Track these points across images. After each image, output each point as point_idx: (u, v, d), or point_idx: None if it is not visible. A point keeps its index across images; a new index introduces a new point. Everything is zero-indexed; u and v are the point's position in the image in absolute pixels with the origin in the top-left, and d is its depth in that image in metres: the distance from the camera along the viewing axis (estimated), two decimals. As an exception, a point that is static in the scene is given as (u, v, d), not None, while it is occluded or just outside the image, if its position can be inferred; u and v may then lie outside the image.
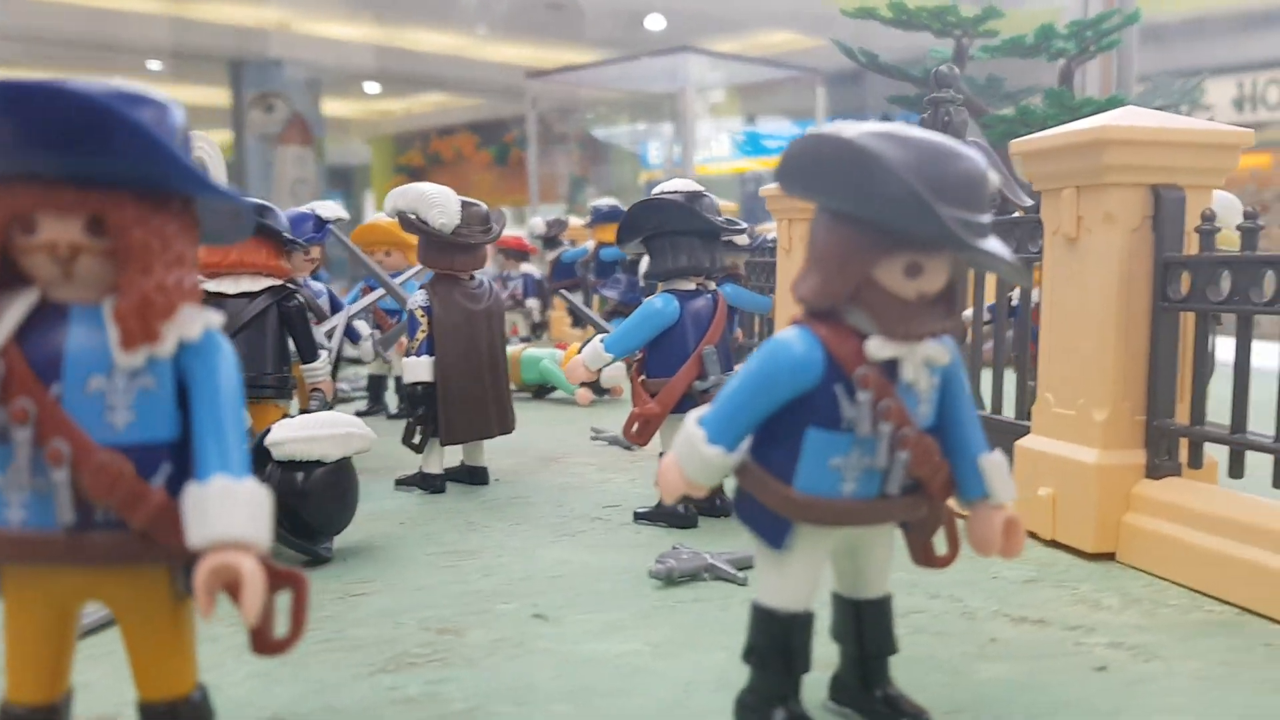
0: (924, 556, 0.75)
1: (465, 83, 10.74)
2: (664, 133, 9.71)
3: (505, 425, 1.51)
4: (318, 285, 1.71)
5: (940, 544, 0.75)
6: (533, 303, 3.16)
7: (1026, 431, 1.31)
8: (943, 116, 1.55)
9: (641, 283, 2.82)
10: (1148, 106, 2.94)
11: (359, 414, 2.13)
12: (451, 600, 1.02)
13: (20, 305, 0.57)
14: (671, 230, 1.28)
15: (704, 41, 8.45)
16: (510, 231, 3.28)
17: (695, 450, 0.71)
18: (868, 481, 0.69)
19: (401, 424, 1.47)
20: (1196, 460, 1.13)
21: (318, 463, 1.11)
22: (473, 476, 1.52)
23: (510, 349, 2.36)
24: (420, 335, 1.42)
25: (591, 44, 9.18)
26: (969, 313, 1.52)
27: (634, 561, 1.13)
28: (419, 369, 1.42)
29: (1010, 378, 1.43)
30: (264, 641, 0.62)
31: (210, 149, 1.42)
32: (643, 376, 1.30)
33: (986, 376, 1.50)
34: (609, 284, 2.86)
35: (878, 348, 0.67)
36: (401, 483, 1.49)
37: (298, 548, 1.11)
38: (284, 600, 0.61)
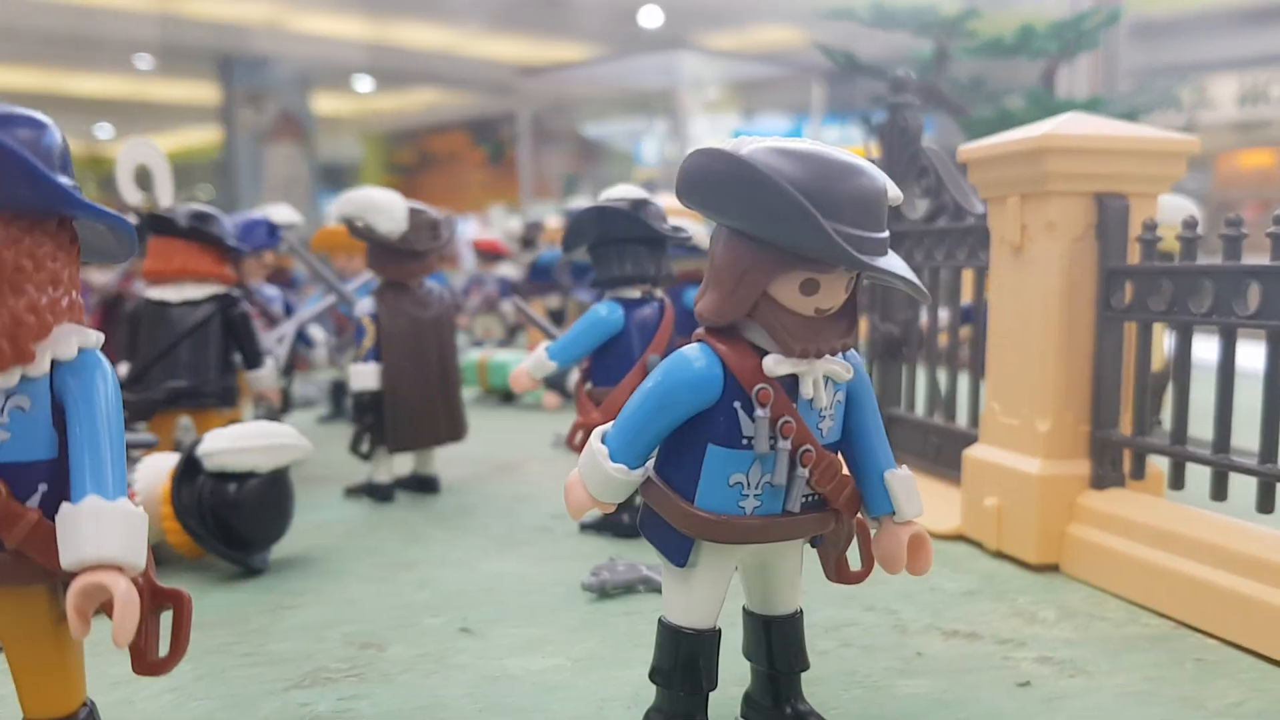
0: (837, 572, 0.74)
1: (457, 79, 10.74)
2: (658, 130, 9.72)
3: (455, 433, 1.49)
4: (271, 290, 1.69)
5: (854, 559, 0.74)
6: (507, 306, 3.14)
7: (975, 440, 1.30)
8: (899, 121, 1.54)
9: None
10: (1129, 106, 2.94)
11: (321, 419, 2.12)
12: (379, 614, 1.00)
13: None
14: (617, 238, 1.26)
15: (700, 36, 8.45)
16: (486, 233, 3.27)
17: (599, 467, 0.69)
18: (770, 498, 0.68)
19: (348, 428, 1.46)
20: (1139, 471, 1.12)
21: (251, 474, 1.09)
22: (423, 485, 1.50)
23: (479, 353, 2.35)
24: (367, 343, 1.41)
25: (585, 39, 9.18)
26: (946, 315, 1.52)
27: (571, 573, 1.12)
28: (365, 376, 1.41)
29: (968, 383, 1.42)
30: (143, 662, 0.61)
31: (154, 155, 1.41)
32: (588, 385, 1.29)
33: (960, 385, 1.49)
34: (583, 286, 2.84)
35: (775, 364, 0.66)
36: (351, 491, 1.47)
37: (231, 559, 1.10)
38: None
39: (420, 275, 1.45)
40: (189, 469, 1.09)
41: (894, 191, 0.68)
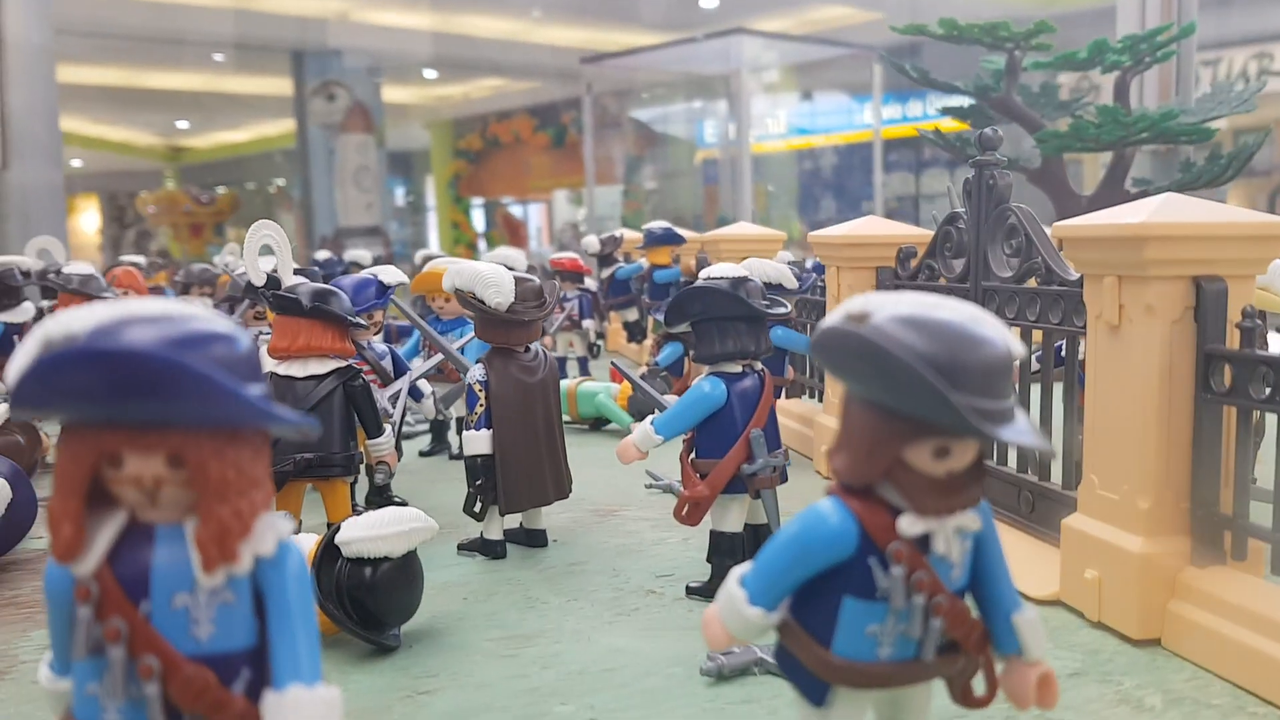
0: (963, 697, 0.78)
1: (521, 67, 10.82)
2: (719, 111, 9.73)
3: (561, 491, 1.56)
4: (381, 347, 1.76)
5: (979, 685, 0.78)
6: (589, 323, 3.20)
7: (1073, 502, 1.34)
8: (987, 180, 1.56)
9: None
10: (1205, 117, 2.91)
11: (424, 452, 2.20)
12: (511, 699, 1.07)
13: (110, 528, 0.62)
14: (718, 316, 1.31)
15: (758, 18, 8.43)
16: (567, 253, 3.33)
17: (737, 610, 0.74)
18: (904, 646, 0.72)
19: (462, 464, 1.52)
20: (1240, 552, 1.15)
21: (385, 558, 1.16)
22: (531, 539, 1.57)
23: (567, 383, 2.41)
24: (479, 410, 1.47)
25: (646, 25, 9.20)
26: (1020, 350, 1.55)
27: (687, 649, 1.17)
28: (478, 442, 1.47)
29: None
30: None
31: (277, 237, 1.48)
32: (692, 456, 1.34)
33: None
34: (662, 309, 2.89)
35: (909, 524, 0.70)
36: (464, 548, 1.54)
37: (366, 639, 1.17)
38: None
39: (527, 341, 1.51)
40: (328, 554, 1.16)
41: (1017, 349, 0.72)
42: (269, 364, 1.42)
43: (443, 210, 13.40)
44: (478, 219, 13.46)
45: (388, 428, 1.49)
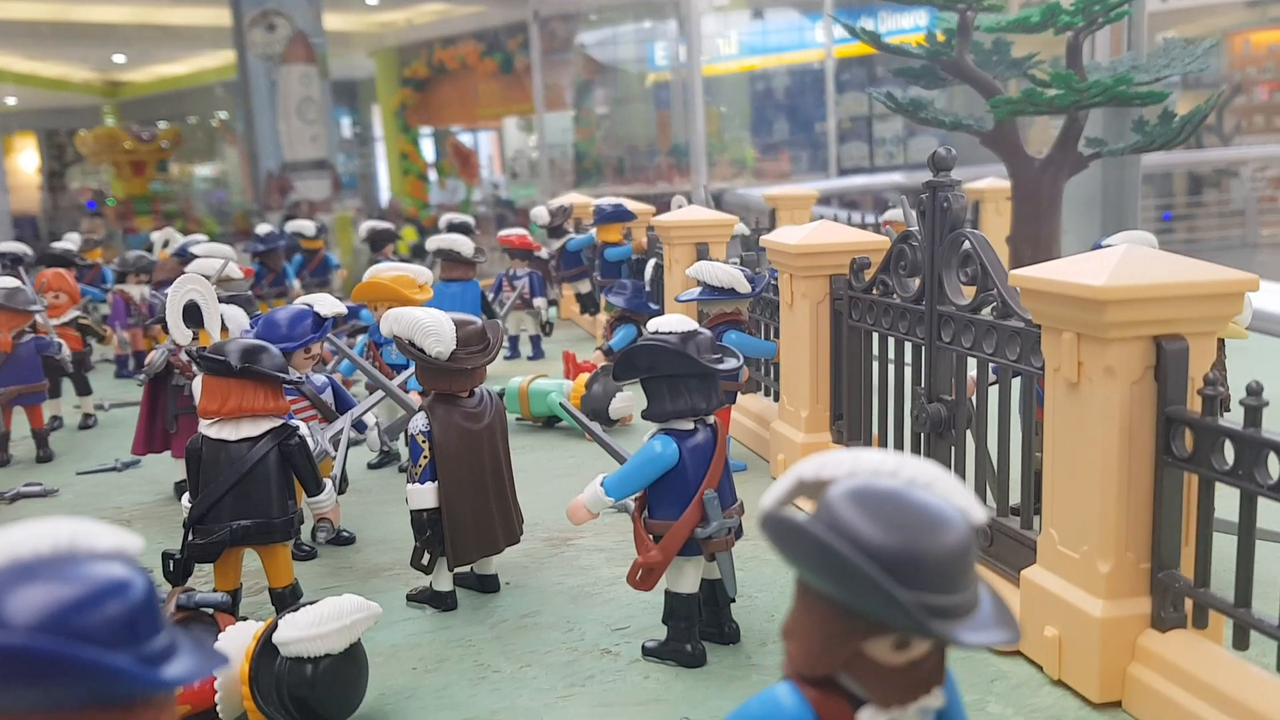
0: None
1: (466, -12, 10.59)
2: (669, 33, 9.61)
3: (512, 537, 1.52)
4: (320, 379, 1.70)
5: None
6: (540, 301, 3.14)
7: (1030, 543, 1.32)
8: (941, 201, 1.52)
9: (648, 288, 2.80)
10: (1157, 75, 2.86)
11: (371, 466, 2.14)
12: (463, 808, 1.04)
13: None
14: (667, 373, 1.26)
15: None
16: (515, 230, 3.25)
17: None
18: (862, 831, 0.69)
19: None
20: (1202, 620, 1.13)
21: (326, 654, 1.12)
22: (483, 585, 1.53)
23: (519, 381, 2.36)
24: (422, 461, 1.42)
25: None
26: (973, 373, 1.52)
27: (643, 733, 1.15)
28: (424, 496, 1.43)
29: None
30: None
31: (204, 291, 1.41)
32: (644, 514, 1.30)
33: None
34: (615, 289, 2.83)
35: (871, 716, 0.67)
36: (413, 599, 1.50)
37: (308, 737, 1.13)
38: None
39: (470, 388, 1.46)
40: (265, 651, 1.12)
41: (979, 518, 0.68)
42: (202, 425, 1.37)
43: (391, 140, 13.15)
44: (427, 149, 13.24)
45: (328, 483, 1.44)
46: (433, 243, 2.92)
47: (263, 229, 3.80)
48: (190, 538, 1.35)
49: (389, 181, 12.69)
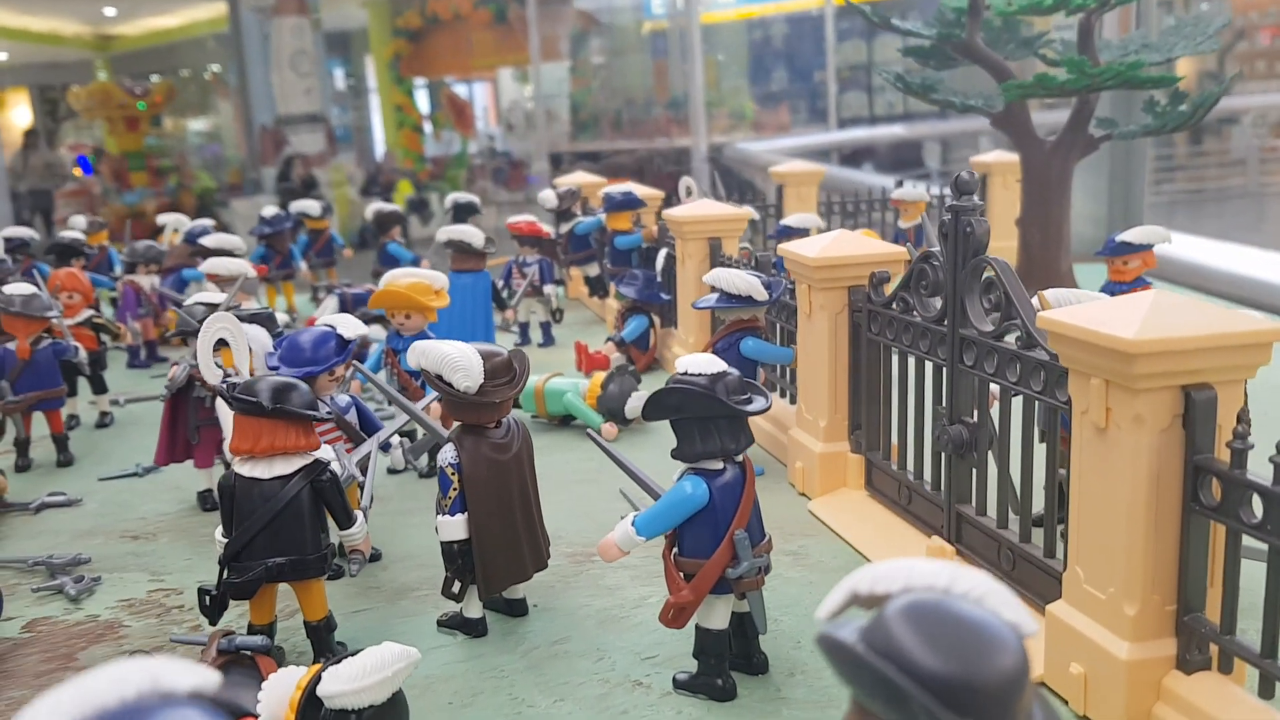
0: None
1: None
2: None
3: (540, 563, 1.54)
4: (344, 399, 1.71)
5: None
6: (550, 289, 3.14)
7: (1053, 572, 1.34)
8: (964, 226, 1.52)
9: (659, 278, 2.81)
10: (1168, 55, 2.85)
11: (391, 471, 2.16)
12: None
13: None
14: (697, 416, 1.28)
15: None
16: (524, 216, 3.25)
17: None
18: None
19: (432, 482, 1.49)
20: (1227, 665, 1.16)
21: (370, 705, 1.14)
22: (511, 609, 1.55)
23: (534, 380, 2.37)
24: (452, 493, 1.44)
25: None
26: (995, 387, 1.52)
27: (679, 776, 1.17)
28: (454, 528, 1.45)
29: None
30: None
31: (234, 330, 1.42)
32: (675, 551, 1.32)
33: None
34: (626, 280, 2.84)
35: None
36: (443, 625, 1.52)
37: (351, 783, 1.15)
38: None
39: (498, 418, 1.47)
40: (310, 704, 1.14)
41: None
42: (235, 463, 1.38)
43: (385, 92, 13.04)
44: (421, 100, 13.13)
45: (359, 515, 1.46)
46: (443, 233, 2.91)
47: (268, 210, 3.79)
48: (226, 575, 1.36)
49: (384, 135, 12.58)
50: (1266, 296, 3.47)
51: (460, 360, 1.42)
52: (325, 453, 1.46)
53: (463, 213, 3.85)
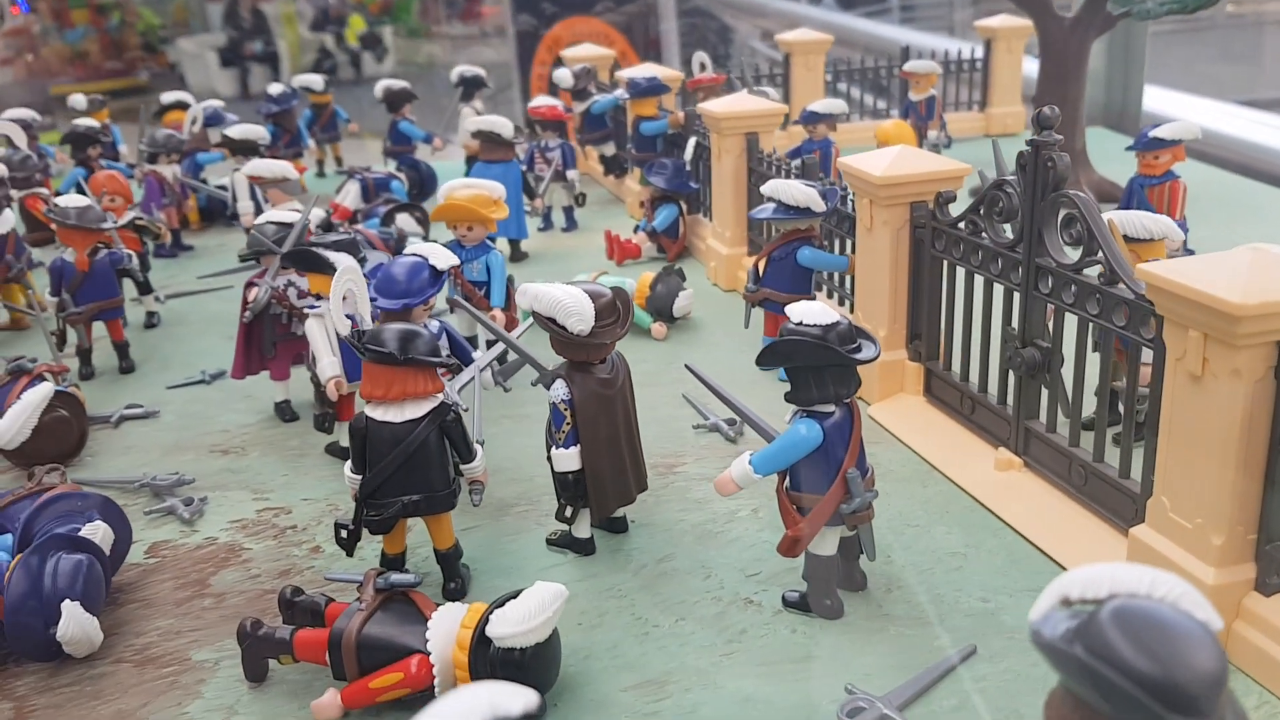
0: None
1: None
2: None
3: (642, 485, 1.64)
4: (434, 325, 1.77)
5: None
6: (573, 174, 3.17)
7: (1127, 491, 1.47)
8: (1045, 161, 1.59)
9: (688, 167, 2.85)
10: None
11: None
12: (675, 781, 1.19)
13: None
14: (811, 365, 1.36)
15: None
16: (545, 100, 3.24)
17: None
18: None
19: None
20: (1303, 590, 1.29)
21: (534, 642, 1.25)
22: (613, 526, 1.66)
23: (583, 278, 2.43)
24: (566, 427, 1.53)
25: None
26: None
27: (811, 695, 1.29)
28: (568, 460, 1.54)
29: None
30: None
31: (357, 281, 1.47)
32: (787, 485, 1.42)
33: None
34: (655, 169, 2.88)
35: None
36: (553, 543, 1.63)
37: (518, 711, 1.27)
38: None
39: (605, 356, 1.55)
40: (481, 643, 1.25)
41: (1217, 625, 0.79)
42: (367, 408, 1.45)
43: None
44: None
45: (478, 448, 1.54)
46: (473, 123, 2.92)
47: (275, 88, 3.74)
48: (366, 513, 1.45)
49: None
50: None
51: (574, 306, 1.48)
52: (457, 405, 1.53)
53: (471, 86, 3.82)
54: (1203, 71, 6.81)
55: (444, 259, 1.75)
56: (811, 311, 1.38)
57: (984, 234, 1.74)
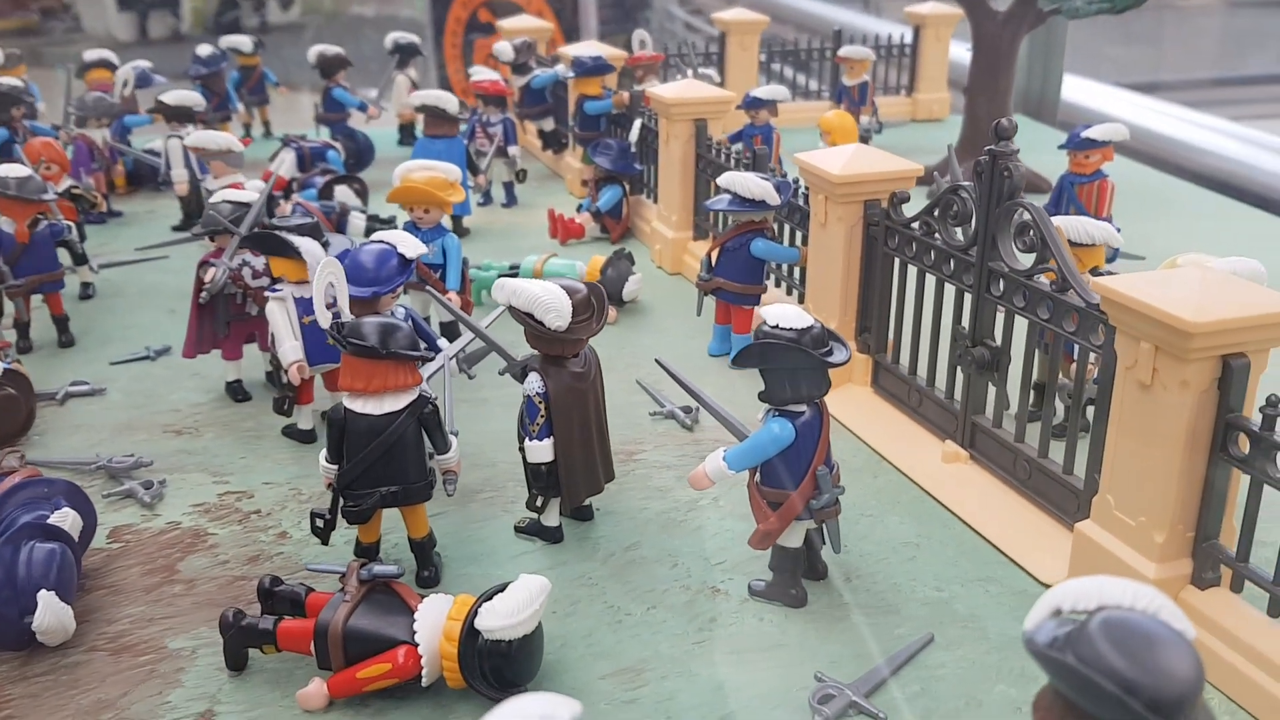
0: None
1: None
2: None
3: (609, 475, 1.69)
4: (399, 313, 1.79)
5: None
6: (514, 150, 3.17)
7: (1069, 486, 1.56)
8: (1002, 170, 1.66)
9: (633, 149, 2.88)
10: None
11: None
12: (659, 768, 1.24)
13: None
14: (786, 367, 1.41)
15: None
16: (487, 74, 3.24)
17: None
18: None
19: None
20: (1238, 586, 1.38)
21: (521, 635, 1.29)
22: (578, 514, 1.70)
23: (533, 260, 2.46)
24: (540, 420, 1.56)
25: None
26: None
27: (784, 682, 1.36)
28: (542, 451, 1.57)
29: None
30: None
31: (337, 275, 1.48)
32: (758, 482, 1.47)
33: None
34: (600, 149, 2.90)
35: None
36: (521, 530, 1.67)
37: (499, 699, 1.30)
38: None
39: (579, 351, 1.58)
40: (470, 634, 1.29)
41: (1191, 634, 0.87)
42: (345, 399, 1.46)
43: None
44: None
45: (453, 439, 1.56)
46: (417, 97, 2.91)
47: (203, 49, 3.67)
48: (344, 504, 1.47)
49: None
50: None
51: (552, 302, 1.51)
52: (434, 398, 1.55)
53: (406, 54, 3.80)
54: (1106, 54, 7.01)
55: (412, 247, 1.76)
56: (786, 315, 1.43)
57: (937, 235, 1.81)
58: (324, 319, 1.48)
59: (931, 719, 1.31)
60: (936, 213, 1.80)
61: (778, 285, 2.37)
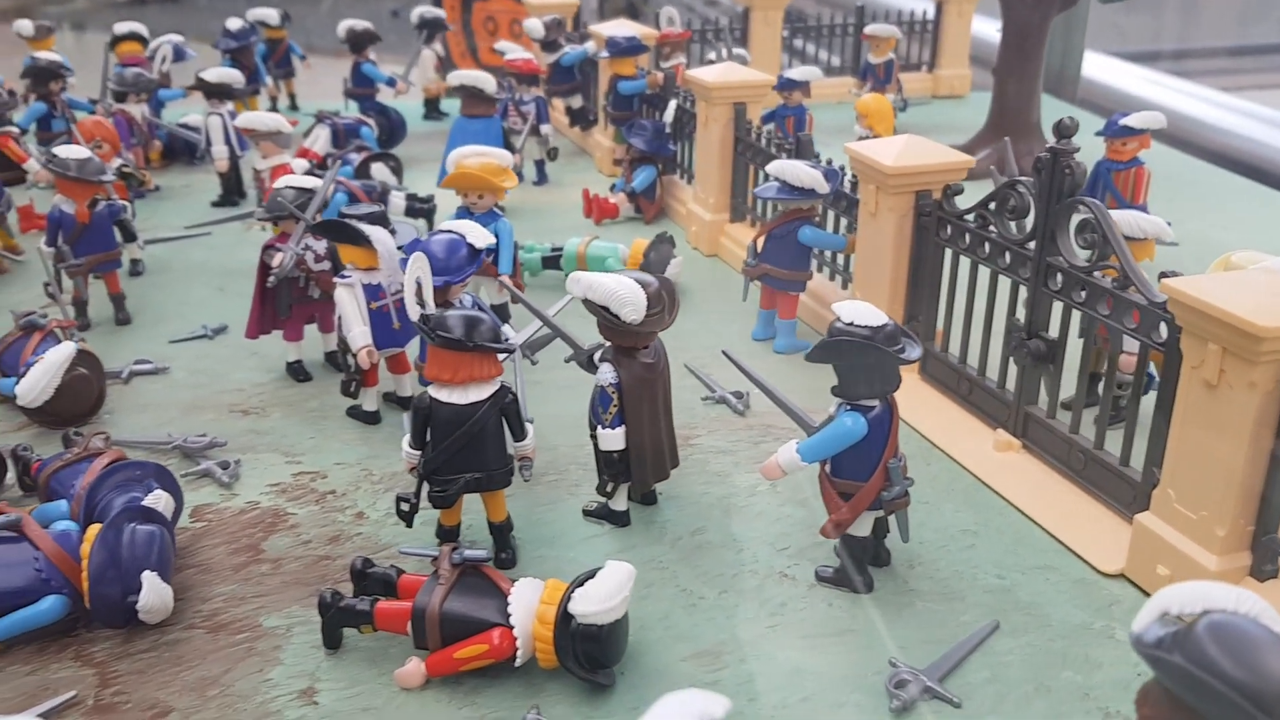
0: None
1: None
2: None
3: (675, 462, 1.74)
4: (467, 299, 1.83)
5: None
6: (546, 128, 3.20)
7: (1126, 479, 1.61)
8: (1063, 168, 1.70)
9: (668, 129, 2.91)
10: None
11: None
12: (747, 748, 1.30)
13: None
14: (861, 364, 1.46)
15: None
16: (520, 53, 3.26)
17: None
18: None
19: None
20: (1295, 579, 1.45)
21: (612, 619, 1.35)
22: (644, 499, 1.75)
23: (576, 243, 2.50)
24: (613, 409, 1.61)
25: None
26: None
27: (858, 667, 1.41)
28: (614, 440, 1.62)
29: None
30: None
31: (424, 269, 1.52)
32: (829, 473, 1.52)
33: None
34: (634, 130, 2.93)
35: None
36: (590, 514, 1.72)
37: (589, 680, 1.37)
38: None
39: (649, 343, 1.63)
40: (565, 619, 1.34)
41: None
42: (431, 389, 1.51)
43: None
44: None
45: (530, 427, 1.61)
46: (455, 77, 2.94)
47: (233, 23, 3.67)
48: (430, 489, 1.52)
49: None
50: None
51: (628, 296, 1.56)
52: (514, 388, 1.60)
53: (433, 29, 3.81)
54: (1109, 20, 7.02)
55: (481, 237, 1.80)
56: (861, 312, 1.48)
57: (992, 228, 1.86)
58: (413, 311, 1.52)
59: (1003, 705, 1.36)
60: (993, 206, 1.84)
61: (819, 270, 2.41)
